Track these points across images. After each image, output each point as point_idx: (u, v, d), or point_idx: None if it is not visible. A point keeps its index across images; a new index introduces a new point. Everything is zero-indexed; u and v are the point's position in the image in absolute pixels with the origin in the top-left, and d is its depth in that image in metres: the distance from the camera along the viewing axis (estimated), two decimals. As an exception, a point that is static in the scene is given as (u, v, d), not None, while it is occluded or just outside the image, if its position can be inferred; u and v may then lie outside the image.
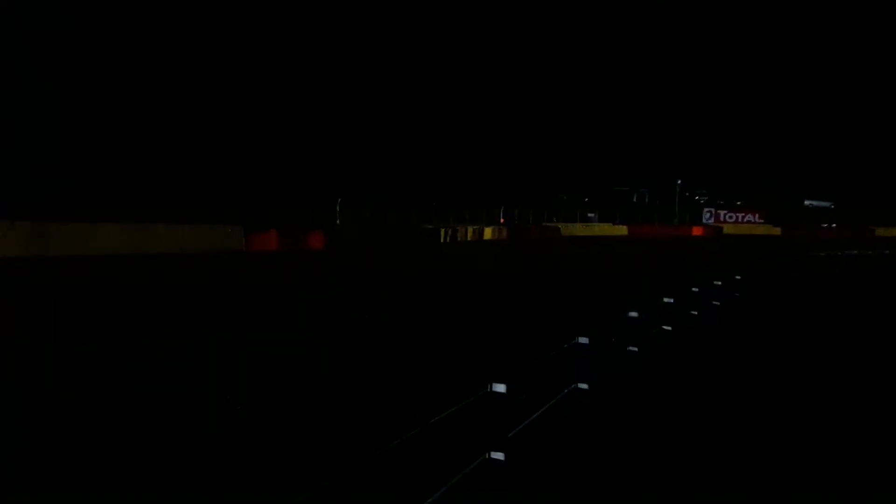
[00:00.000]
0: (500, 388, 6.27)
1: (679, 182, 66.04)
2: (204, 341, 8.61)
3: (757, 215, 62.85)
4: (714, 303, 12.60)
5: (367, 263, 22.66)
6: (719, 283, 13.15)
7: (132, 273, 17.46)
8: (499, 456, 4.60)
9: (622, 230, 54.71)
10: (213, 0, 36.70)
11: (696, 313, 11.22)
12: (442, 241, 35.93)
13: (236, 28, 37.59)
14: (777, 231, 59.18)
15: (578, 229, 51.92)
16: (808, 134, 67.07)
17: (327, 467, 4.39)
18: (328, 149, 41.79)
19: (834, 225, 60.82)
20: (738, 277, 14.85)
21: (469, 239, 38.55)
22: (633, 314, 8.06)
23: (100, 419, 5.62)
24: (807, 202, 68.18)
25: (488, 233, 40.88)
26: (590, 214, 60.23)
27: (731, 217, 63.36)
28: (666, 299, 9.59)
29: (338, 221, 33.79)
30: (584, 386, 6.46)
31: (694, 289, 11.44)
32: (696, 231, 57.51)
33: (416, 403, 6.01)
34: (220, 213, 26.30)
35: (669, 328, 9.59)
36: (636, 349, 8.11)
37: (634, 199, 72.60)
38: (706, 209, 65.06)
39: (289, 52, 40.65)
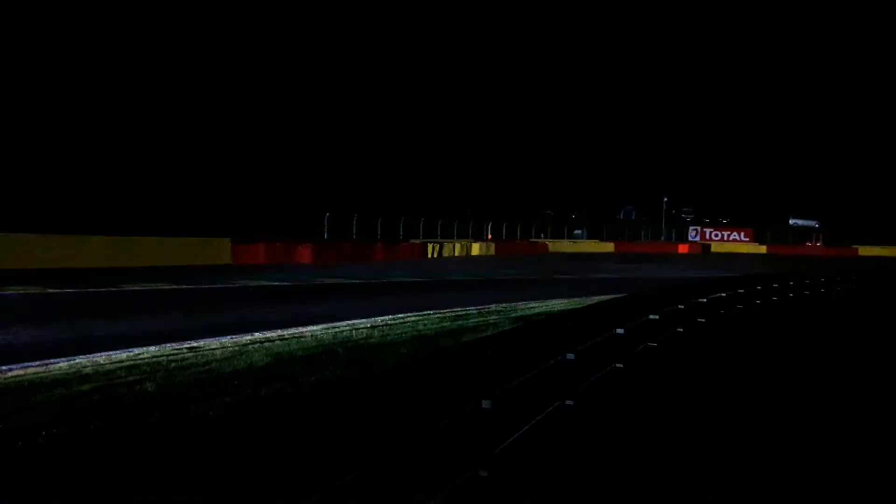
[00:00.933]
0: (486, 404, 6.25)
1: (665, 199, 66.59)
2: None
3: (742, 233, 63.38)
4: (699, 319, 12.67)
5: (358, 275, 22.60)
6: (703, 300, 13.24)
7: (115, 283, 17.29)
8: (483, 473, 4.57)
9: (609, 247, 55.07)
10: (202, 8, 36.77)
11: (681, 330, 11.27)
12: (430, 255, 35.97)
13: (222, 35, 37.65)
14: (763, 249, 59.73)
15: (565, 245, 52.20)
16: (795, 153, 67.92)
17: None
18: (316, 162, 41.81)
19: (819, 244, 61.49)
20: (722, 294, 14.95)
21: (457, 254, 38.62)
22: (620, 331, 8.08)
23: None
24: (792, 221, 68.95)
25: (476, 248, 40.97)
26: (576, 231, 60.58)
27: (716, 235, 63.84)
28: (652, 316, 9.62)
29: (325, 235, 33.75)
30: (569, 402, 6.45)
31: (680, 306, 11.50)
32: (682, 249, 57.92)
33: (400, 417, 5.96)
34: (208, 225, 26.25)
35: (655, 344, 9.61)
36: (622, 366, 8.12)
37: (621, 216, 73.13)
38: (692, 227, 65.58)
39: (278, 64, 40.73)
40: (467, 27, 56.67)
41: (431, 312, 13.56)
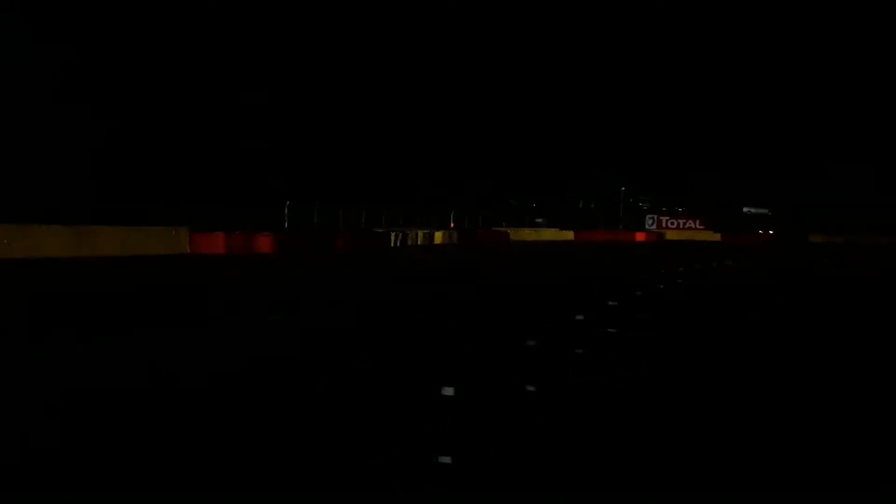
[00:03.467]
0: (449, 391, 6.34)
1: (623, 189, 67.57)
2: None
3: (698, 221, 64.73)
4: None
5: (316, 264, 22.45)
6: (662, 286, 13.57)
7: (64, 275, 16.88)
8: (446, 459, 4.64)
9: (569, 235, 55.72)
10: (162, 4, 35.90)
11: (641, 316, 11.52)
12: (392, 244, 35.83)
13: (183, 30, 36.83)
14: (717, 237, 61.18)
15: (527, 234, 52.65)
16: (749, 142, 69.46)
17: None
18: (277, 152, 41.25)
19: (771, 231, 63.26)
20: (679, 281, 15.32)
21: (419, 243, 38.53)
22: (580, 317, 8.25)
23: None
24: (745, 209, 70.53)
25: (438, 237, 40.93)
26: (538, 220, 61.14)
27: (672, 223, 65.02)
28: (611, 302, 9.83)
29: (286, 224, 33.35)
30: (531, 388, 6.57)
31: (637, 293, 11.76)
32: (640, 237, 58.92)
33: (361, 406, 6.00)
34: (166, 215, 25.79)
35: (614, 330, 9.81)
36: (581, 351, 8.29)
37: (580, 205, 73.87)
38: (649, 215, 66.60)
39: (237, 53, 40.02)
40: (431, 29, 56.14)
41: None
